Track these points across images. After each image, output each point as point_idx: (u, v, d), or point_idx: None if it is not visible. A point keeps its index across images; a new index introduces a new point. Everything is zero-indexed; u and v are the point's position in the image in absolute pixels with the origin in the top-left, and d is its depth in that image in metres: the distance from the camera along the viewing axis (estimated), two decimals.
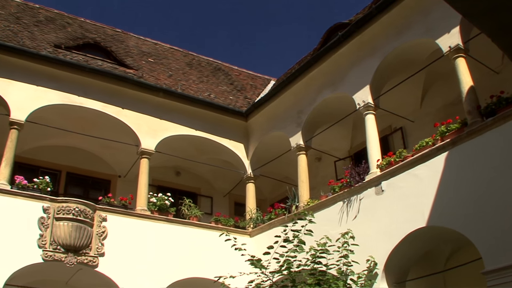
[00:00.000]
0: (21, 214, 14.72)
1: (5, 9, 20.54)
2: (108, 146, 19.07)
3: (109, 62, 19.22)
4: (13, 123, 15.91)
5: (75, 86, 17.19)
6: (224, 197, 22.33)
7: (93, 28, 23.20)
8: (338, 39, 15.58)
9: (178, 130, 18.70)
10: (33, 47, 17.31)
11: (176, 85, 19.78)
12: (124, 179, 20.37)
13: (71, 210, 15.15)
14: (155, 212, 17.03)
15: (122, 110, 17.83)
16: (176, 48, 25.76)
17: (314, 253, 11.75)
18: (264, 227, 17.30)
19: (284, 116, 18.05)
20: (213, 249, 16.58)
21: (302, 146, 17.01)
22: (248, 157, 19.57)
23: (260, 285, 11.71)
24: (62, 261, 14.70)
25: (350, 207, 14.10)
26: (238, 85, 23.76)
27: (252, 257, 11.40)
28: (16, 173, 15.82)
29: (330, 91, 16.26)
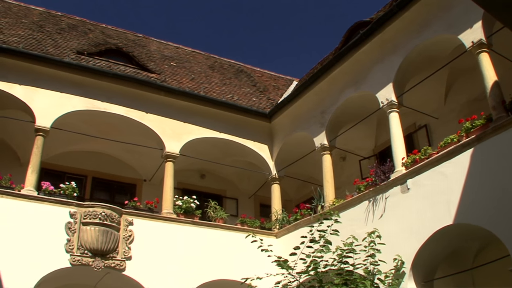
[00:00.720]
0: (49, 219, 14.92)
1: (28, 17, 20.78)
2: (133, 150, 19.20)
3: (132, 67, 19.34)
4: (39, 130, 16.11)
5: (99, 91, 17.34)
6: (250, 198, 22.34)
7: (114, 33, 23.35)
8: (359, 37, 15.51)
9: (202, 133, 18.75)
10: (57, 54, 17.48)
11: (199, 88, 19.82)
12: (149, 182, 20.49)
13: (97, 214, 15.29)
14: (181, 215, 17.10)
15: (146, 114, 17.93)
16: (198, 51, 25.81)
17: (340, 253, 11.70)
18: (290, 228, 17.28)
19: (307, 116, 18.02)
20: (239, 251, 16.60)
21: (326, 146, 16.96)
22: (272, 158, 19.57)
23: (287, 286, 11.69)
24: (89, 265, 14.85)
25: (376, 206, 14.03)
26: (260, 87, 23.76)
27: (278, 258, 11.38)
28: (43, 179, 16.04)
29: (353, 90, 16.19)
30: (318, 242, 11.27)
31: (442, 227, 11.96)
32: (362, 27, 16.30)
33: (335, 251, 11.66)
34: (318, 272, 11.32)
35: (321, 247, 11.28)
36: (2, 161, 18.26)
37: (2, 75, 16.18)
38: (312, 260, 11.29)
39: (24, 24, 19.80)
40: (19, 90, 16.28)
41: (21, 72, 16.42)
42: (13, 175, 15.65)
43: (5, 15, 20.15)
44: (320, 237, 11.27)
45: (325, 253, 11.29)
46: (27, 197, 15.02)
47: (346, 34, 17.76)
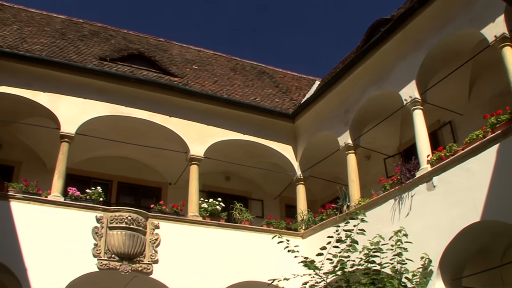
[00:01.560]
0: (75, 224, 15.11)
1: (50, 25, 21.01)
2: (157, 154, 19.32)
3: (154, 71, 19.44)
4: (64, 136, 16.29)
5: (122, 96, 17.49)
6: (275, 199, 22.32)
7: (136, 39, 23.49)
8: (381, 35, 15.43)
9: (226, 135, 18.80)
10: (79, 61, 17.65)
11: (221, 91, 19.86)
12: (175, 186, 20.57)
13: (123, 219, 15.40)
14: (206, 217, 17.14)
15: (170, 118, 18.02)
16: (219, 54, 25.88)
17: (367, 252, 11.63)
18: (316, 228, 17.24)
19: (331, 116, 17.97)
20: (265, 252, 16.61)
21: (350, 145, 16.90)
22: (297, 158, 19.54)
23: (314, 286, 11.65)
24: (117, 269, 14.97)
25: (402, 205, 13.94)
26: (283, 87, 23.74)
27: (305, 258, 11.35)
28: (69, 185, 16.20)
29: (376, 88, 16.12)
30: (344, 242, 11.22)
31: (469, 225, 11.85)
32: (383, 24, 16.20)
33: (362, 250, 11.60)
34: (345, 272, 11.27)
35: (348, 246, 11.23)
36: (28, 168, 18.55)
37: (27, 83, 16.39)
38: (339, 260, 11.24)
39: (47, 32, 20.02)
40: (44, 97, 16.48)
41: (45, 79, 16.63)
42: (40, 182, 15.90)
43: (28, 24, 20.38)
44: (347, 237, 11.23)
45: (351, 252, 11.24)
46: (54, 203, 15.22)
47: (367, 32, 17.66)
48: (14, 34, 18.49)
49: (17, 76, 16.37)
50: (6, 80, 16.20)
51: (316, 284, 11.63)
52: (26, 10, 22.18)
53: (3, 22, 19.70)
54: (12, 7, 21.99)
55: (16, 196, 14.86)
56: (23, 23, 20.36)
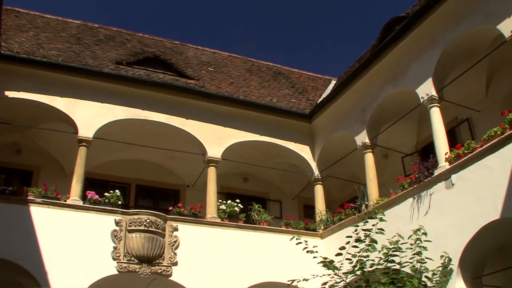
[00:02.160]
0: (95, 228, 15.22)
1: (66, 31, 21.15)
2: (175, 156, 19.38)
3: (170, 74, 19.49)
4: (82, 140, 16.41)
5: (139, 100, 17.57)
6: (293, 200, 22.30)
7: (151, 42, 23.59)
8: (396, 33, 15.35)
9: (243, 137, 18.81)
10: (96, 65, 17.75)
11: (238, 92, 19.88)
12: (193, 188, 20.65)
13: (142, 221, 15.47)
14: (225, 219, 17.16)
15: (186, 120, 18.06)
16: (235, 55, 25.89)
17: (386, 251, 11.61)
18: (334, 228, 17.19)
19: (347, 115, 17.92)
20: (284, 253, 16.60)
21: (368, 144, 16.83)
22: (314, 159, 19.49)
23: (334, 287, 11.63)
24: (136, 272, 15.05)
25: (421, 203, 13.86)
26: (299, 88, 23.70)
27: (324, 258, 11.34)
28: (87, 189, 16.37)
29: (392, 86, 16.05)
30: (363, 242, 11.20)
31: (489, 222, 11.73)
32: (398, 22, 16.13)
33: (381, 250, 11.58)
34: (364, 271, 11.25)
35: (367, 246, 11.20)
36: (47, 172, 18.71)
37: (44, 89, 16.52)
38: (358, 259, 11.22)
39: (63, 38, 20.15)
40: (61, 102, 16.60)
41: (62, 84, 16.75)
42: (59, 186, 16.01)
43: (44, 30, 20.54)
44: (366, 236, 11.20)
45: (371, 252, 11.21)
46: (73, 207, 15.34)
47: (383, 31, 17.57)
48: (30, 40, 18.63)
49: (34, 82, 16.50)
50: (24, 86, 16.34)
51: (335, 284, 11.61)
52: (42, 16, 22.35)
53: (20, 28, 19.86)
54: (28, 13, 22.17)
55: (35, 201, 15.00)
56: (39, 29, 20.52)
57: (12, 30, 19.32)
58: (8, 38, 17.94)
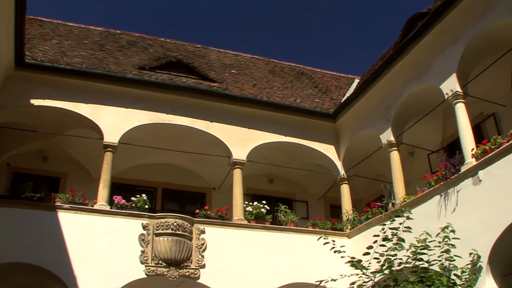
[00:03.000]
0: (122, 232, 15.35)
1: (89, 38, 21.35)
2: (200, 159, 19.45)
3: (193, 78, 19.55)
4: (107, 146, 16.55)
5: (163, 104, 17.66)
6: (319, 200, 22.26)
7: (173, 46, 23.70)
8: (418, 29, 15.23)
9: (267, 138, 18.80)
10: (119, 71, 17.87)
11: (261, 94, 19.89)
12: (219, 190, 20.72)
13: (169, 225, 15.54)
14: (252, 220, 17.19)
15: (211, 123, 18.11)
16: (257, 57, 25.92)
17: (414, 250, 11.51)
18: (361, 227, 17.11)
19: (372, 113, 17.84)
20: (312, 253, 16.57)
21: (393, 142, 16.73)
22: (339, 158, 19.43)
23: (362, 286, 11.58)
24: (164, 275, 15.13)
25: (448, 200, 13.74)
26: (322, 87, 23.65)
27: (352, 258, 11.30)
28: (114, 194, 16.46)
29: (416, 83, 15.93)
30: (391, 240, 11.14)
31: None
32: (420, 18, 16.04)
33: (409, 248, 11.49)
34: (392, 270, 11.18)
35: (394, 245, 11.14)
36: (74, 178, 18.91)
37: (69, 96, 16.68)
38: (386, 258, 11.16)
39: (86, 45, 20.33)
40: (86, 108, 16.74)
41: (86, 91, 16.90)
42: (86, 191, 16.23)
43: (67, 38, 20.74)
44: (393, 235, 11.14)
45: (398, 251, 11.15)
46: (100, 212, 15.49)
47: (405, 27, 17.49)
48: (54, 49, 18.81)
49: (59, 89, 16.68)
50: (49, 94, 16.53)
51: (363, 283, 11.56)
52: (64, 24, 22.59)
53: (43, 37, 20.07)
54: (51, 22, 22.41)
55: (63, 207, 15.16)
56: (62, 37, 20.72)
57: (36, 39, 19.53)
58: (32, 47, 18.13)
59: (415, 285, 10.80)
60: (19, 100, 16.30)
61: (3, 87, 16.01)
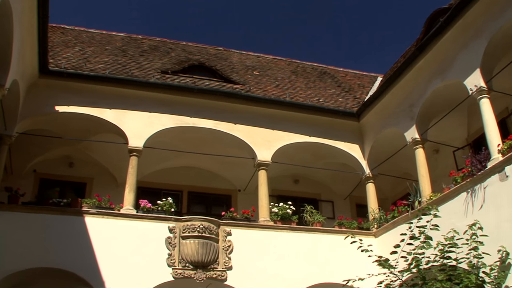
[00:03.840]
0: (149, 235, 15.46)
1: (111, 44, 21.52)
2: (225, 162, 19.50)
3: (216, 80, 19.62)
4: (132, 150, 16.68)
5: (186, 107, 17.74)
6: (345, 200, 22.19)
7: (195, 50, 23.79)
8: (440, 25, 15.10)
9: (291, 139, 18.79)
10: (142, 76, 18.01)
11: (284, 95, 19.89)
12: (244, 192, 20.74)
13: (196, 227, 15.61)
14: (278, 221, 17.19)
15: (235, 125, 18.15)
16: (279, 58, 25.93)
17: (442, 248, 11.40)
18: (388, 226, 17.02)
19: (396, 111, 17.74)
20: (338, 253, 16.53)
21: (418, 140, 16.62)
22: (364, 157, 19.35)
23: (390, 285, 11.50)
24: (191, 277, 15.22)
25: (475, 197, 13.60)
26: (345, 86, 23.57)
27: (379, 257, 11.23)
28: (140, 198, 16.60)
29: (439, 80, 15.80)
30: (418, 239, 11.05)
31: None
32: (441, 14, 15.93)
33: (437, 246, 11.38)
34: (420, 269, 11.09)
35: (422, 243, 11.05)
36: (100, 183, 19.07)
37: (93, 101, 16.84)
38: (413, 257, 11.08)
39: (108, 51, 20.50)
40: (110, 114, 16.88)
41: (110, 96, 17.06)
42: (112, 196, 16.41)
43: (90, 44, 20.93)
44: (420, 233, 11.05)
45: (426, 249, 11.05)
46: (127, 216, 15.63)
47: (426, 24, 17.37)
48: (77, 55, 19.00)
49: (83, 96, 16.84)
50: (73, 100, 16.70)
51: (391, 283, 11.49)
52: (86, 31, 22.82)
53: (66, 44, 20.27)
54: (73, 29, 22.66)
55: (90, 212, 15.32)
56: (85, 43, 20.93)
57: (59, 46, 19.72)
58: (55, 55, 18.31)
59: (443, 284, 10.70)
60: (44, 107, 16.49)
61: (28, 95, 16.21)
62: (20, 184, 16.78)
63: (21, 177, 18.33)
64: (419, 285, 11.07)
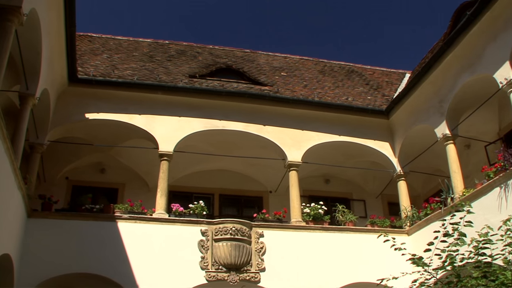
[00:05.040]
0: (181, 239, 15.58)
1: (138, 50, 21.69)
2: (255, 163, 19.52)
3: (244, 82, 19.66)
4: (163, 155, 16.80)
5: (215, 111, 17.81)
6: (377, 198, 22.05)
7: (222, 53, 23.87)
8: (467, 19, 14.90)
9: (321, 138, 18.73)
10: (170, 80, 18.12)
11: (312, 95, 19.84)
12: (275, 193, 20.77)
13: (228, 230, 15.65)
14: (310, 222, 17.15)
15: (264, 127, 18.16)
16: (306, 58, 25.87)
17: (476, 244, 11.27)
18: (421, 223, 16.86)
19: (425, 107, 17.58)
20: (371, 252, 16.42)
21: (448, 136, 16.45)
22: (395, 155, 19.21)
23: (424, 284, 11.40)
24: (225, 280, 15.26)
25: (509, 192, 13.40)
26: (374, 84, 23.43)
27: (412, 255, 11.14)
28: (172, 202, 16.79)
29: (468, 74, 15.61)
30: (452, 236, 10.93)
31: None
32: (468, 7, 15.77)
33: (471, 243, 11.26)
34: (455, 266, 10.97)
35: (456, 240, 10.93)
36: (131, 188, 19.27)
37: (122, 108, 16.99)
38: (447, 254, 10.96)
39: (136, 57, 20.66)
40: (140, 119, 17.01)
41: (139, 102, 17.21)
42: (144, 201, 16.56)
43: (117, 51, 21.12)
44: (454, 230, 10.94)
45: (460, 246, 10.92)
46: (159, 220, 15.75)
47: (453, 18, 17.22)
48: (105, 63, 19.19)
49: (113, 102, 17.02)
50: (103, 107, 16.89)
51: (425, 281, 11.39)
52: (113, 38, 23.04)
53: (94, 52, 20.48)
54: (100, 37, 22.88)
55: (122, 217, 15.50)
56: (112, 51, 21.13)
57: (87, 54, 19.94)
58: (84, 63, 18.52)
59: (478, 281, 10.57)
60: (74, 115, 16.71)
61: (58, 104, 16.46)
62: (53, 191, 17.08)
63: (53, 185, 18.62)
64: (454, 282, 10.95)
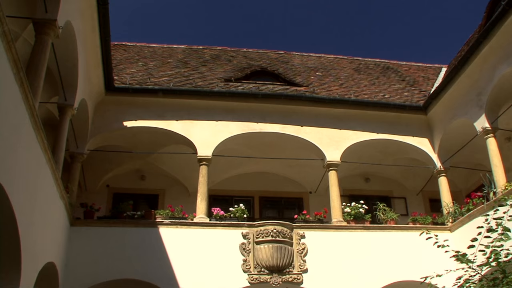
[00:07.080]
0: (223, 243, 15.63)
1: (172, 57, 21.88)
2: (294, 164, 19.53)
3: (279, 84, 19.68)
4: (201, 159, 16.90)
5: (252, 114, 17.87)
6: (418, 195, 21.85)
7: (256, 55, 23.92)
8: (502, 9, 14.59)
9: (359, 137, 18.63)
10: (206, 85, 18.24)
11: (349, 93, 19.75)
12: (315, 194, 20.74)
13: (269, 232, 15.67)
14: (351, 221, 17.07)
15: (301, 127, 18.14)
16: (340, 56, 25.81)
17: None
18: (463, 219, 16.62)
19: (463, 101, 17.35)
20: (414, 250, 16.24)
21: (488, 129, 16.19)
22: (434, 150, 18.99)
23: (469, 280, 11.26)
24: (267, 282, 15.26)
25: None
26: (410, 80, 23.23)
27: (456, 252, 11.01)
28: (212, 206, 16.82)
29: (506, 65, 15.32)
30: (495, 231, 10.77)
31: None
32: None
33: None
34: (500, 262, 10.81)
35: (500, 235, 10.77)
36: (171, 194, 19.48)
37: (160, 114, 17.16)
38: (492, 250, 10.81)
39: (171, 63, 20.85)
40: (177, 125, 17.15)
41: (176, 108, 17.36)
42: (184, 206, 16.70)
43: (152, 59, 21.33)
44: (497, 225, 10.78)
45: (504, 241, 10.76)
46: (200, 225, 15.84)
47: (488, 9, 17.00)
48: (140, 71, 19.40)
49: (150, 109, 17.19)
50: (140, 115, 17.07)
51: (470, 278, 11.24)
52: (148, 46, 23.31)
53: (129, 60, 20.72)
54: (135, 45, 23.17)
55: (163, 222, 15.63)
56: (147, 59, 21.37)
57: (122, 63, 20.19)
58: (120, 72, 18.75)
59: None
60: (112, 124, 16.92)
61: (96, 113, 16.71)
62: (94, 199, 17.32)
63: (95, 193, 18.89)
64: (500, 278, 10.79)
